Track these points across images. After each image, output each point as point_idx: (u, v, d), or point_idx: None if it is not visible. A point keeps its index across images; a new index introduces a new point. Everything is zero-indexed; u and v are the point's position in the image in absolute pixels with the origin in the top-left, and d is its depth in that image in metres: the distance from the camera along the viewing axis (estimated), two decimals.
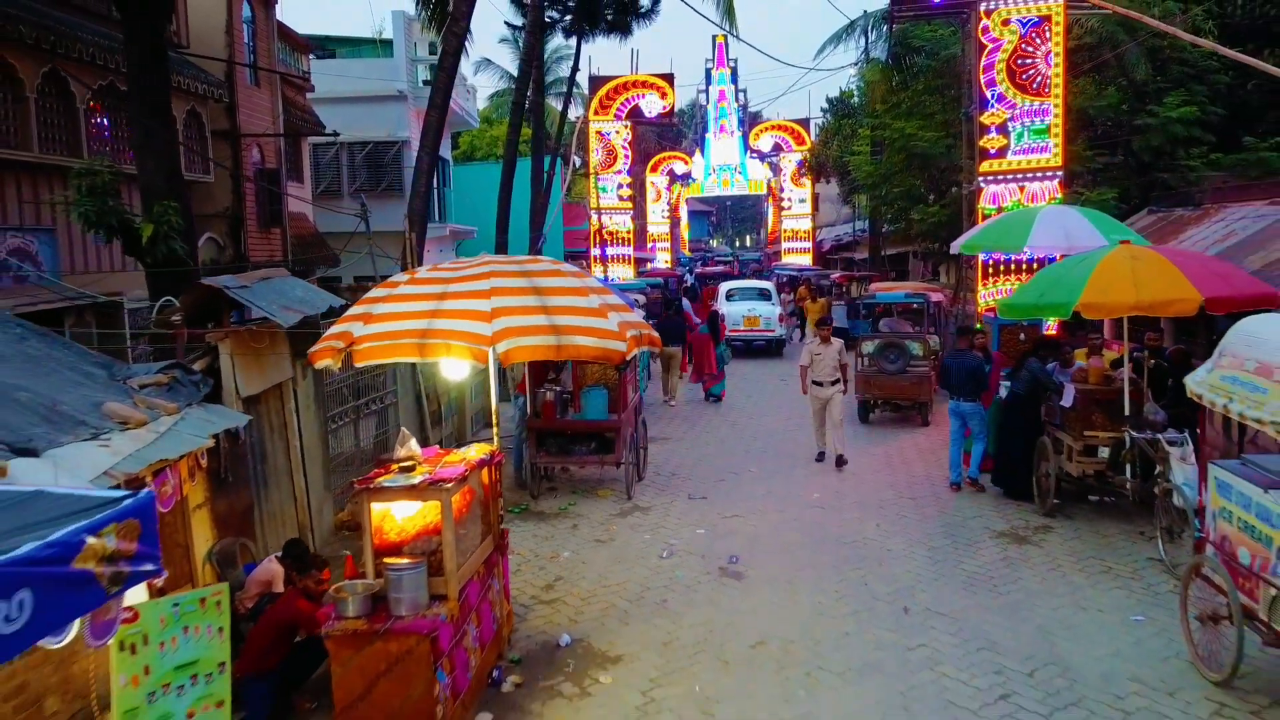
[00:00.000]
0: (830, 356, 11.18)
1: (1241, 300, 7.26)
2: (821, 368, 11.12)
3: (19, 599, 2.59)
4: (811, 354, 11.34)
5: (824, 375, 11.12)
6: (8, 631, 2.56)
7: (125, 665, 3.26)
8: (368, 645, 5.07)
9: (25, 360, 6.56)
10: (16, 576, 2.59)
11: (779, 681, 5.85)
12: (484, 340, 5.19)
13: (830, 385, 11.06)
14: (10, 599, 2.56)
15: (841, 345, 11.58)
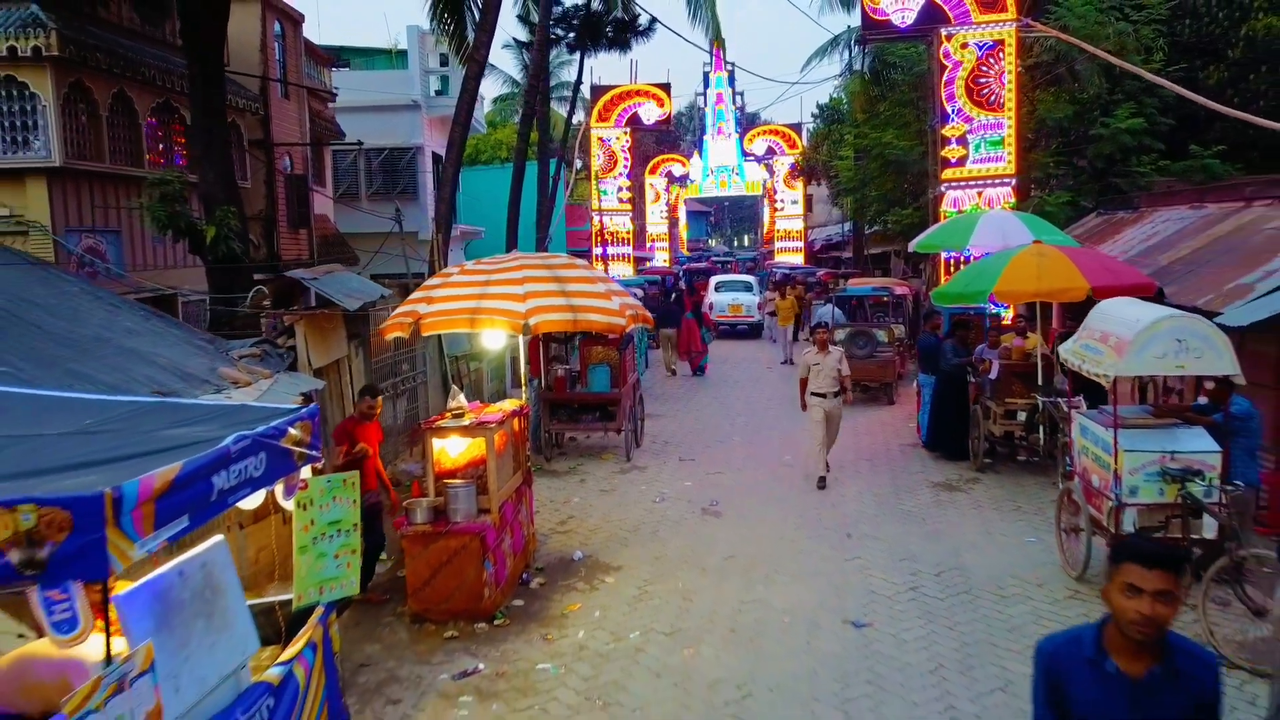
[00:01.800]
0: (829, 366, 10.23)
1: (1122, 288, 8.98)
2: (821, 379, 10.21)
3: (261, 455, 4.34)
4: (809, 364, 10.35)
5: (825, 386, 10.19)
6: (257, 475, 4.31)
7: (300, 517, 4.97)
8: (433, 543, 6.81)
9: (153, 334, 8.34)
10: (259, 444, 4.33)
11: (743, 581, 7.60)
12: (519, 315, 6.96)
13: (833, 397, 10.19)
14: (258, 455, 4.30)
15: (842, 353, 10.58)
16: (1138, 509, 6.75)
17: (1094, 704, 2.63)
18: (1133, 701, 2.58)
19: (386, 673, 6.12)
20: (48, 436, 4.28)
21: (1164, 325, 6.50)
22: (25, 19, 12.85)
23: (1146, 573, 2.52)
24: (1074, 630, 2.78)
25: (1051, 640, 2.80)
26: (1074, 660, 2.68)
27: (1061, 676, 2.70)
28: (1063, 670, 2.70)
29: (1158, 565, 2.51)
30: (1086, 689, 2.64)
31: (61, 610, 3.72)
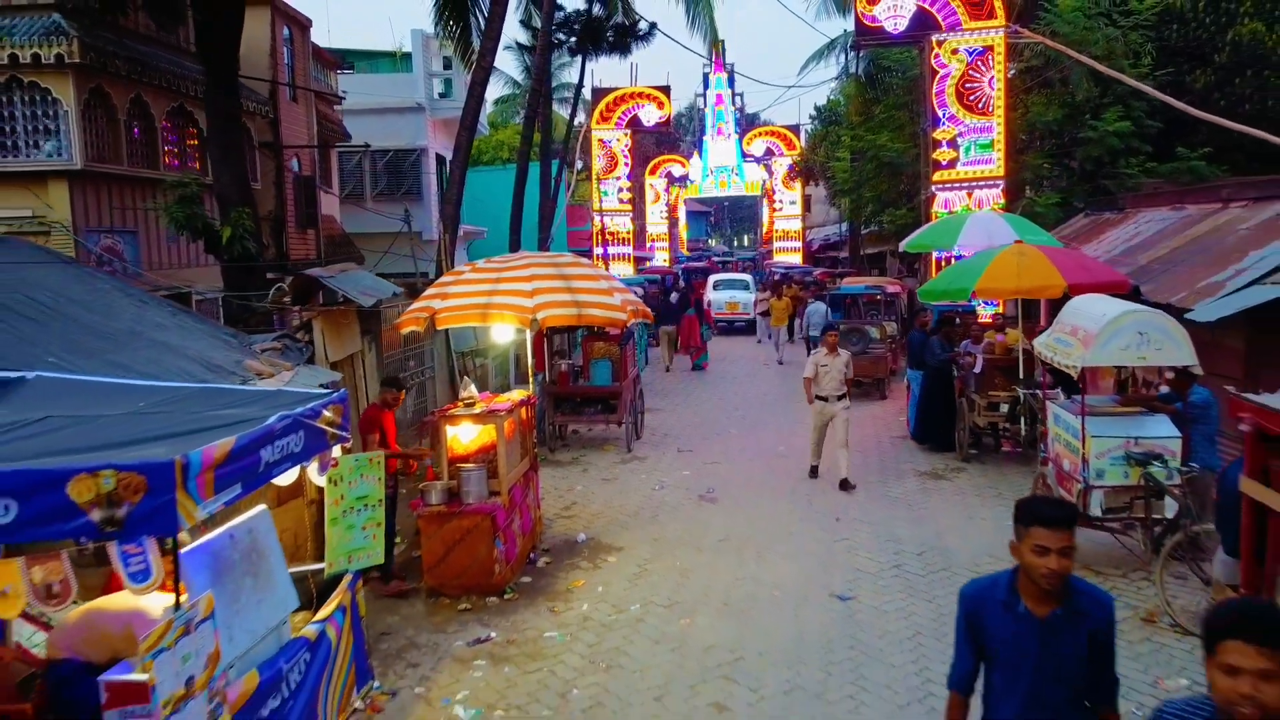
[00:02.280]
0: (837, 369, 10.24)
1: (1097, 285, 9.48)
2: (828, 381, 10.22)
3: (300, 434, 4.83)
4: (817, 365, 10.36)
5: (830, 389, 10.21)
6: (296, 450, 4.80)
7: (331, 492, 5.46)
8: (447, 522, 7.30)
9: (180, 329, 8.83)
10: (298, 423, 4.83)
11: (736, 560, 8.09)
12: (528, 310, 7.46)
13: (836, 400, 10.19)
14: (297, 433, 4.79)
15: (849, 357, 10.61)
16: (1104, 490, 7.25)
17: (1007, 640, 3.06)
18: (1040, 639, 3.00)
19: (406, 640, 6.61)
20: (108, 416, 4.78)
21: (1127, 319, 7.00)
22: (48, 27, 13.33)
23: (1052, 534, 2.93)
24: (991, 577, 3.23)
25: (973, 585, 3.25)
26: (991, 602, 3.12)
27: (980, 616, 3.13)
28: (981, 611, 3.13)
29: (1060, 526, 2.94)
30: (1000, 627, 3.07)
31: (137, 563, 4.22)
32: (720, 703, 5.60)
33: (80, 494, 3.73)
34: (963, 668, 3.20)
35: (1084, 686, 3.06)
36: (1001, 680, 3.11)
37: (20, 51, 13.15)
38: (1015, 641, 3.04)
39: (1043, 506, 3.08)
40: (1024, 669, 3.03)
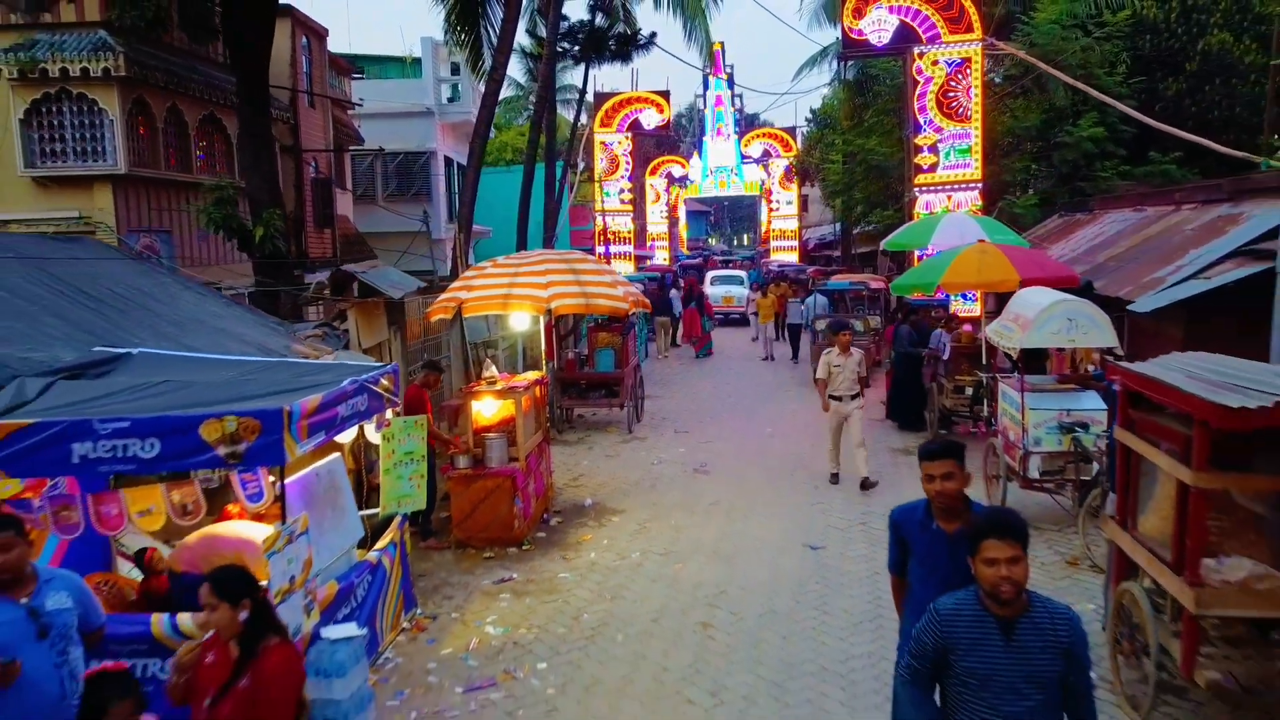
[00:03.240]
0: (850, 368, 10.27)
1: (1048, 280, 10.58)
2: (841, 381, 10.24)
3: (364, 396, 5.99)
4: (830, 366, 10.34)
5: (844, 389, 10.22)
6: (362, 409, 5.96)
7: (385, 448, 6.59)
8: (473, 483, 8.45)
9: (234, 318, 9.98)
10: (364, 387, 5.99)
11: (725, 519, 9.25)
12: (543, 300, 8.62)
13: (850, 400, 10.22)
14: (363, 395, 5.95)
15: (862, 355, 10.60)
16: (1041, 456, 8.40)
17: (924, 549, 4.12)
18: (948, 549, 4.00)
19: (440, 580, 7.77)
20: (212, 381, 5.93)
21: (1058, 308, 8.15)
22: (95, 43, 14.49)
23: (934, 464, 3.98)
24: (913, 503, 4.31)
25: (898, 509, 4.34)
26: (912, 522, 4.20)
27: (904, 532, 4.24)
28: (905, 528, 4.23)
29: (939, 457, 3.99)
30: (919, 540, 4.14)
31: (253, 487, 5.40)
32: (706, 622, 6.76)
33: (209, 434, 4.89)
34: (894, 557, 4.34)
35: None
36: (921, 571, 4.19)
37: (70, 66, 14.32)
38: (931, 549, 4.09)
39: (926, 445, 4.20)
40: (938, 568, 4.08)
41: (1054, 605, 3.22)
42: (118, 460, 4.92)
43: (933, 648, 3.26)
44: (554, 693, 5.79)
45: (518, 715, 5.55)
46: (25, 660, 3.63)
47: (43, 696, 3.67)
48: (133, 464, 4.93)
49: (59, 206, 14.87)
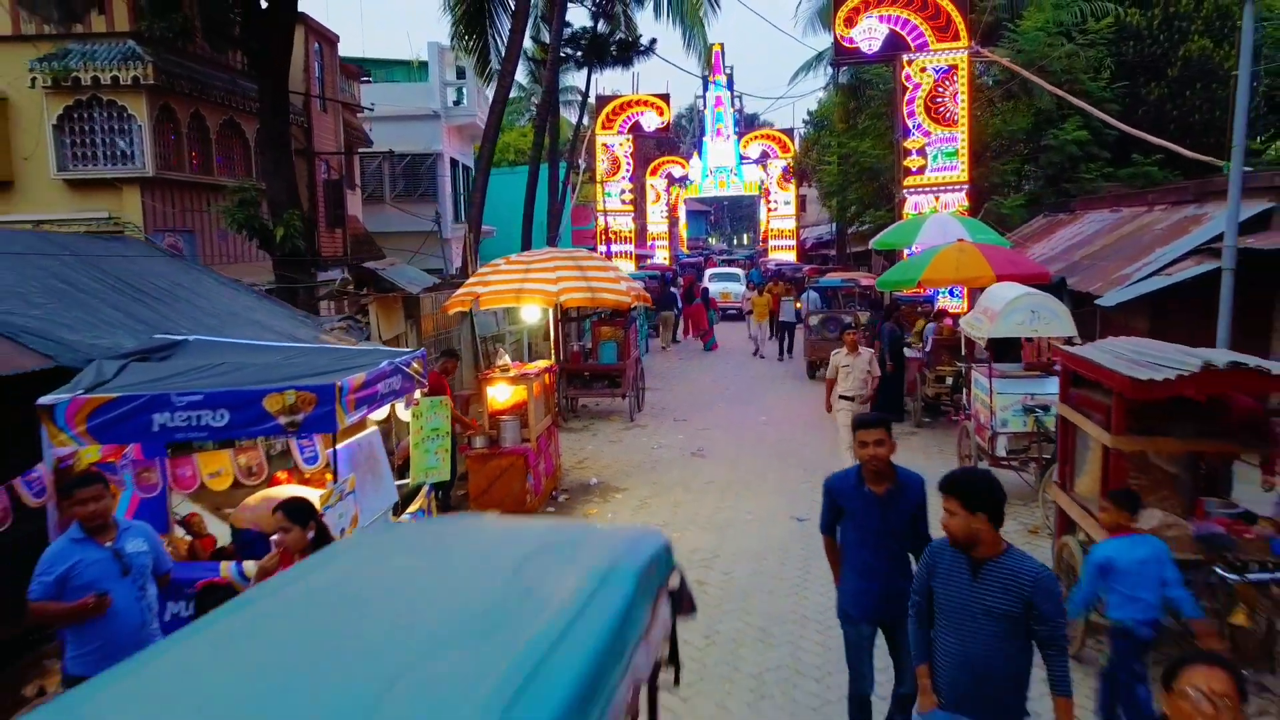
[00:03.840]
0: (860, 368, 10.12)
1: (1021, 276, 11.38)
2: (850, 381, 10.12)
3: (398, 377, 6.78)
4: (838, 366, 10.20)
5: (853, 389, 10.08)
6: (396, 389, 6.76)
7: (414, 424, 7.38)
8: (489, 461, 9.26)
9: (266, 310, 10.78)
10: (398, 369, 6.78)
11: (720, 496, 10.05)
12: (553, 294, 9.42)
13: (861, 402, 10.12)
14: (396, 376, 6.75)
15: (872, 354, 10.52)
16: (1007, 436, 9.19)
17: (859, 510, 4.66)
18: (879, 509, 4.60)
19: None
20: (264, 363, 6.72)
21: (1022, 301, 8.95)
22: (125, 53, 15.27)
23: (868, 432, 4.59)
24: (845, 471, 4.91)
25: (833, 477, 4.90)
26: (846, 485, 4.77)
27: (838, 495, 4.79)
28: (838, 491, 4.79)
29: (873, 426, 4.62)
30: (852, 502, 4.70)
31: (309, 451, 6.20)
32: (700, 580, 7.56)
33: (272, 405, 5.68)
34: (825, 520, 4.88)
35: (908, 541, 4.62)
36: (855, 535, 4.76)
37: (101, 74, 15.10)
38: (864, 510, 4.63)
39: (861, 416, 4.95)
40: (870, 528, 4.66)
41: (1027, 561, 3.65)
42: (192, 428, 5.71)
43: (925, 576, 3.86)
44: None
45: None
46: (113, 594, 4.44)
47: (127, 624, 4.50)
48: (205, 431, 5.72)
49: (90, 207, 15.64)
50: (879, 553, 4.63)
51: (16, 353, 6.57)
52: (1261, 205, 11.73)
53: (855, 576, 4.73)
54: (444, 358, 9.73)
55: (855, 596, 4.76)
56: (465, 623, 2.04)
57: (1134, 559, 4.64)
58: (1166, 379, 4.99)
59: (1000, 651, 3.62)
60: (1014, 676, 3.67)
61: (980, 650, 3.63)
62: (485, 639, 1.93)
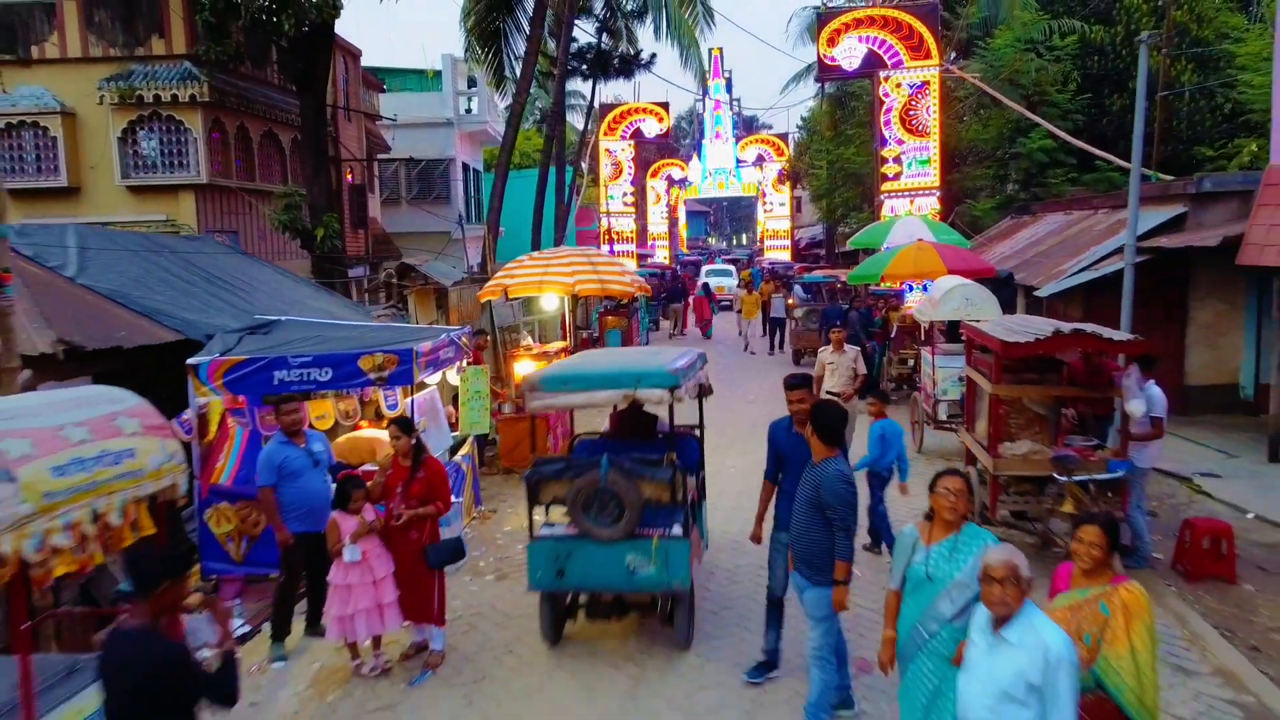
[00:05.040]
0: (845, 365, 10.46)
1: (969, 271, 13.23)
2: (836, 378, 10.47)
3: (453, 347, 8.69)
4: (823, 363, 10.63)
5: (839, 385, 10.41)
6: (450, 356, 8.66)
7: (463, 387, 9.25)
8: (517, 423, 11.13)
9: (323, 299, 12.66)
10: (452, 341, 8.70)
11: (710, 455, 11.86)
12: (569, 285, 11.30)
13: (845, 399, 10.33)
14: (451, 346, 8.65)
15: (858, 353, 10.73)
16: (946, 403, 11.06)
17: (789, 450, 6.15)
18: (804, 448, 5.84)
19: (495, 492, 10.45)
20: (349, 337, 8.58)
21: (958, 291, 10.81)
22: (181, 73, 17.15)
23: (793, 392, 6.27)
24: (781, 419, 6.63)
25: (773, 424, 6.49)
26: (781, 430, 6.35)
27: (775, 438, 6.35)
28: (776, 435, 6.36)
29: (797, 388, 6.29)
30: (785, 443, 6.24)
31: (391, 400, 8.08)
32: None
33: (365, 364, 7.56)
34: (770, 467, 6.16)
35: None
36: (788, 481, 6.19)
37: (161, 92, 16.99)
38: (792, 448, 5.89)
39: (788, 379, 6.70)
40: (797, 459, 5.98)
41: (829, 470, 5.04)
42: (303, 382, 7.58)
43: (773, 455, 5.93)
44: None
45: None
46: (309, 479, 6.36)
47: (317, 497, 6.45)
48: (313, 385, 7.61)
49: (149, 211, 17.52)
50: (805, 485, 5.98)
51: (158, 328, 8.47)
52: (1176, 210, 13.61)
53: (785, 498, 6.07)
54: (477, 335, 11.59)
55: (782, 513, 6.13)
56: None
57: (893, 432, 7.80)
58: (1026, 342, 6.86)
59: (810, 526, 5.16)
60: (819, 542, 5.16)
61: (803, 521, 5.22)
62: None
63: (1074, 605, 3.90)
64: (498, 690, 5.88)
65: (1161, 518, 8.92)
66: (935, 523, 4.34)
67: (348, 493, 5.93)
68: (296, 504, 6.47)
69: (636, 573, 6.21)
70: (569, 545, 6.27)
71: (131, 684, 3.27)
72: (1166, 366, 13.63)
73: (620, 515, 6.23)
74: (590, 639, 6.68)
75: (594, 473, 6.28)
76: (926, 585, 4.27)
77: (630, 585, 6.25)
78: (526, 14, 21.16)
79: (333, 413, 7.88)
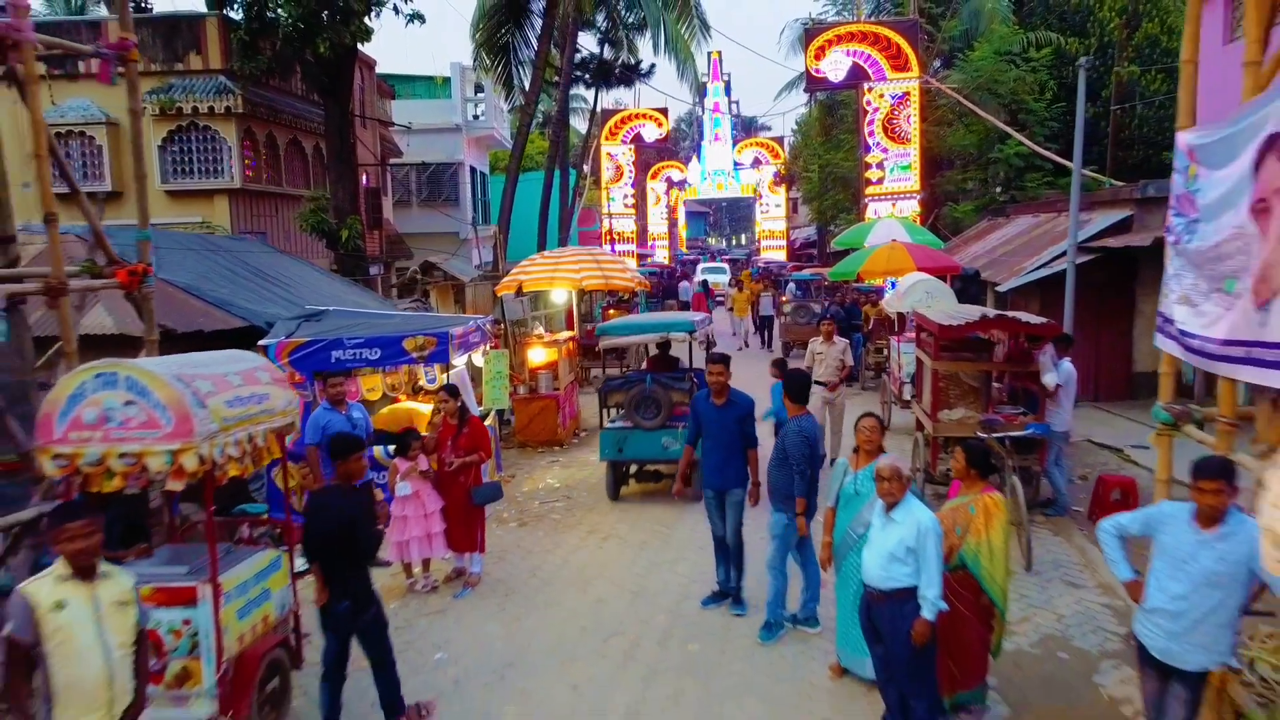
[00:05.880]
0: (833, 356, 10.96)
1: (936, 269, 14.67)
2: (824, 368, 10.99)
3: (480, 333, 10.17)
4: (813, 354, 11.15)
5: (827, 375, 10.94)
6: (474, 342, 10.14)
7: (487, 367, 10.67)
8: (530, 403, 12.58)
9: (356, 293, 14.11)
10: (479, 328, 10.17)
11: None
12: (577, 280, 12.77)
13: (831, 389, 10.99)
14: (480, 332, 10.13)
15: (846, 345, 11.29)
16: (910, 384, 12.49)
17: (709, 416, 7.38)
18: (718, 414, 7.29)
19: (512, 461, 11.91)
20: (386, 324, 10.02)
21: (920, 285, 12.25)
22: (217, 87, 18.61)
23: (713, 367, 7.55)
24: (702, 389, 8.11)
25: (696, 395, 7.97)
26: (702, 402, 7.71)
27: (696, 407, 7.59)
28: (697, 404, 7.62)
29: (718, 363, 7.70)
30: (705, 411, 7.45)
31: (430, 376, 9.54)
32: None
33: (409, 345, 9.01)
34: (691, 432, 7.44)
35: (738, 438, 6.95)
36: (708, 444, 7.45)
37: (199, 105, 18.44)
38: (709, 415, 7.27)
39: (710, 354, 8.10)
40: (712, 427, 7.33)
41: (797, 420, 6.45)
42: (357, 360, 9.03)
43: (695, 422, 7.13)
44: (588, 502, 9.93)
45: (574, 511, 9.69)
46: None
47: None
48: (364, 362, 9.06)
49: (186, 213, 18.96)
50: (718, 443, 7.02)
51: (229, 316, 9.93)
52: (1124, 213, 15.05)
53: (705, 458, 7.15)
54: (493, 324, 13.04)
55: (706, 473, 7.18)
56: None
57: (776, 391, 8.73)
58: (958, 325, 8.31)
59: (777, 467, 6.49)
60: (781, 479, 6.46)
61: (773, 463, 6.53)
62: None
63: (954, 507, 5.34)
64: (523, 601, 7.33)
65: (1090, 481, 10.36)
66: (859, 454, 5.80)
67: (408, 443, 7.38)
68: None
69: (669, 449, 9.72)
70: (625, 433, 9.96)
71: (334, 514, 5.16)
72: (1117, 355, 15.17)
73: (658, 412, 9.88)
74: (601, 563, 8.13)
75: (641, 386, 10.04)
76: (855, 500, 5.74)
77: (665, 456, 9.83)
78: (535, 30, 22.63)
79: (380, 386, 9.34)
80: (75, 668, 3.65)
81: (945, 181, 25.32)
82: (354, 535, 5.16)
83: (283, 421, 5.42)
